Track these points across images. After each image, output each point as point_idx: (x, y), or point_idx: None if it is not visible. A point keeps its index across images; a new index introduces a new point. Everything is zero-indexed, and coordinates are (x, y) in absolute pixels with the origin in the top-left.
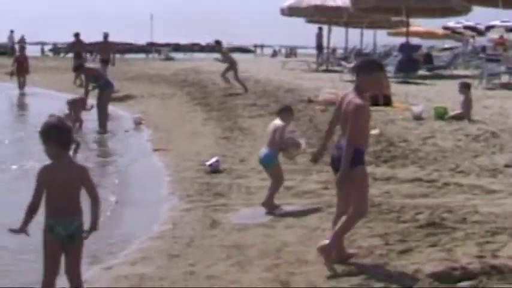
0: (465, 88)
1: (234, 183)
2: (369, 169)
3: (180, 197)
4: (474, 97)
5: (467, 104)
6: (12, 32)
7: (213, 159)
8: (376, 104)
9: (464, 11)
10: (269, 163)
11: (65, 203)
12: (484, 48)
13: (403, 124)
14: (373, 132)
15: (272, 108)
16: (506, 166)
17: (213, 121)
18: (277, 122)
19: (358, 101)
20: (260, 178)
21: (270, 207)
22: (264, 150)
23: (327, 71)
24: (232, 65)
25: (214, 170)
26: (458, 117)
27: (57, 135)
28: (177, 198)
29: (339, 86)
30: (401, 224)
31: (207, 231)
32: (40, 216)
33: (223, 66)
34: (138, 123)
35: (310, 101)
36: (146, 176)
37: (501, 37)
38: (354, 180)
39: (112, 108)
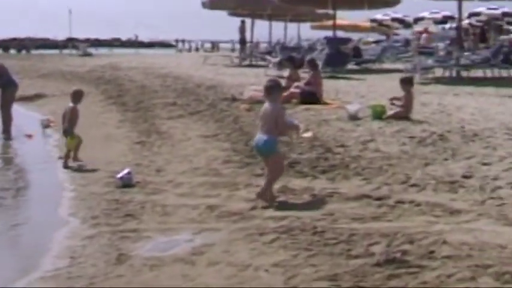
0: (407, 84)
1: (148, 201)
2: (306, 183)
3: (83, 219)
4: None
5: (409, 101)
6: None
7: (125, 171)
8: (306, 102)
9: (393, 2)
10: (270, 151)
11: None
12: (407, 41)
13: (339, 125)
14: (306, 135)
15: (193, 108)
16: (464, 177)
17: (128, 123)
18: (271, 103)
19: None
20: (178, 194)
21: (267, 199)
22: (262, 136)
23: (250, 65)
24: None
25: (126, 183)
26: (398, 117)
27: None
28: (79, 220)
29: (264, 82)
30: (353, 261)
31: (112, 268)
32: None
33: (142, 61)
34: (46, 125)
35: (234, 99)
36: (44, 191)
37: (426, 29)
38: None
39: (19, 108)
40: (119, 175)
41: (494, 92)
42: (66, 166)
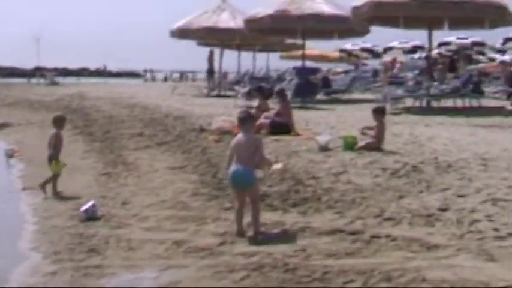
0: (380, 114)
1: (112, 235)
2: (277, 217)
3: (45, 255)
4: None
5: (381, 131)
6: None
7: (89, 204)
8: (276, 133)
9: (362, 32)
10: (250, 183)
11: None
12: (376, 72)
13: (309, 156)
14: (276, 167)
15: (160, 138)
16: (441, 210)
17: (94, 153)
18: (247, 134)
19: None
20: (144, 228)
21: (260, 230)
22: (239, 168)
23: (219, 96)
24: None
25: (90, 217)
26: (369, 148)
27: None
28: (40, 255)
29: (233, 112)
30: None
31: None
32: None
33: (110, 91)
34: (10, 155)
35: (202, 130)
36: (5, 223)
37: (394, 59)
38: None
39: None
40: (83, 208)
41: (465, 122)
42: (56, 193)
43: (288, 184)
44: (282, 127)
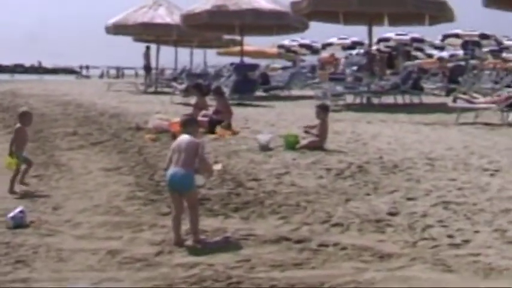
0: (323, 111)
1: (42, 244)
2: (218, 223)
3: None
4: None
5: (324, 130)
6: None
7: (17, 210)
8: (215, 132)
9: (301, 27)
10: (189, 187)
11: None
12: (313, 68)
13: (250, 156)
14: (215, 167)
15: (95, 138)
16: (390, 214)
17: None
18: (187, 136)
19: None
20: (76, 235)
21: (200, 239)
22: (178, 170)
23: (156, 92)
24: None
25: (18, 224)
26: (312, 147)
27: None
28: None
29: (170, 110)
30: None
31: None
32: None
33: (44, 88)
34: None
35: (138, 128)
36: None
37: (332, 56)
38: None
39: None
40: (10, 214)
41: (408, 119)
42: (11, 191)
43: (229, 187)
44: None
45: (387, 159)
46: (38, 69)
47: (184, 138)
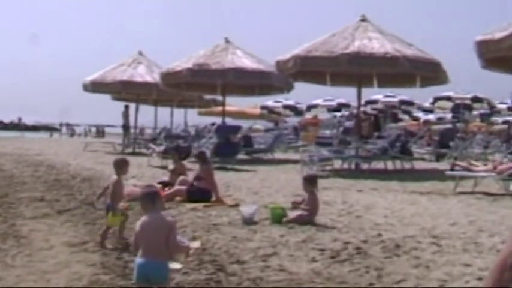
0: (311, 183)
1: None
2: None
3: None
4: None
5: (313, 203)
6: None
7: None
8: (195, 201)
9: (286, 88)
10: (162, 279)
11: None
12: (295, 129)
13: (232, 232)
14: (193, 245)
15: (62, 205)
16: None
17: None
18: (156, 216)
19: None
20: None
21: None
22: (150, 261)
23: (133, 153)
24: None
25: None
26: (301, 221)
27: None
28: None
29: (147, 173)
30: None
31: None
32: None
33: (20, 147)
34: None
35: None
36: None
37: (314, 117)
38: None
39: None
40: None
41: (401, 188)
42: (102, 246)
43: (208, 271)
44: (202, 194)
45: (387, 237)
46: (18, 126)
47: (150, 219)
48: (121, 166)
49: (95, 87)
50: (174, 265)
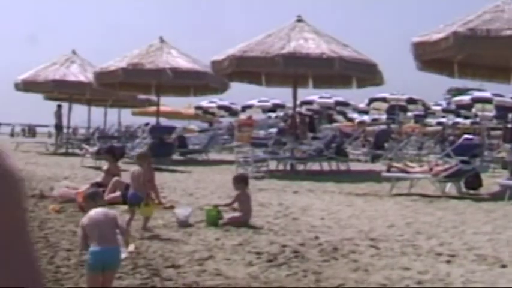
0: (241, 183)
1: None
2: None
3: None
4: None
5: (246, 204)
6: None
7: None
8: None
9: (221, 88)
10: (119, 263)
11: None
12: (230, 129)
13: (167, 234)
14: (128, 249)
15: None
16: None
17: None
18: (101, 209)
19: None
20: None
21: None
22: (109, 247)
23: (66, 154)
24: None
25: None
26: (236, 223)
27: None
28: None
29: (80, 174)
30: None
31: None
32: None
33: None
34: None
35: (42, 196)
36: None
37: (249, 118)
38: None
39: None
40: None
41: (337, 189)
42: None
43: (142, 276)
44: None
45: (324, 240)
46: None
47: (99, 211)
48: (145, 159)
49: (27, 86)
50: (122, 254)
